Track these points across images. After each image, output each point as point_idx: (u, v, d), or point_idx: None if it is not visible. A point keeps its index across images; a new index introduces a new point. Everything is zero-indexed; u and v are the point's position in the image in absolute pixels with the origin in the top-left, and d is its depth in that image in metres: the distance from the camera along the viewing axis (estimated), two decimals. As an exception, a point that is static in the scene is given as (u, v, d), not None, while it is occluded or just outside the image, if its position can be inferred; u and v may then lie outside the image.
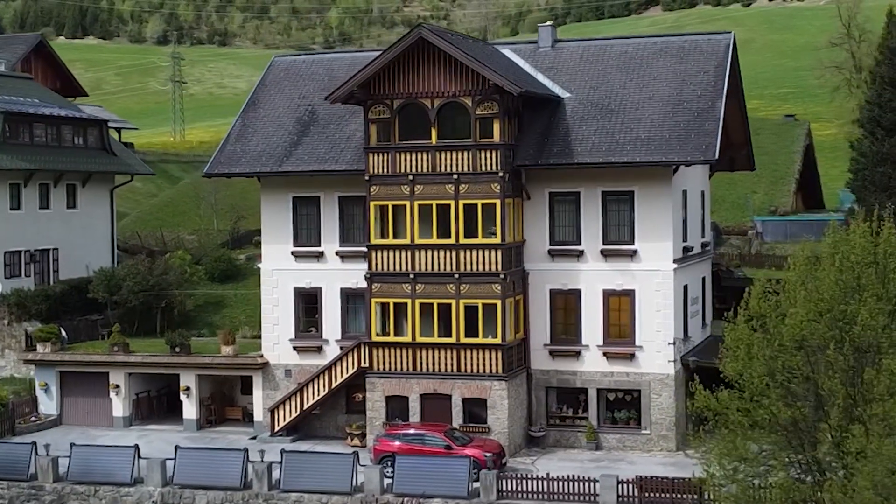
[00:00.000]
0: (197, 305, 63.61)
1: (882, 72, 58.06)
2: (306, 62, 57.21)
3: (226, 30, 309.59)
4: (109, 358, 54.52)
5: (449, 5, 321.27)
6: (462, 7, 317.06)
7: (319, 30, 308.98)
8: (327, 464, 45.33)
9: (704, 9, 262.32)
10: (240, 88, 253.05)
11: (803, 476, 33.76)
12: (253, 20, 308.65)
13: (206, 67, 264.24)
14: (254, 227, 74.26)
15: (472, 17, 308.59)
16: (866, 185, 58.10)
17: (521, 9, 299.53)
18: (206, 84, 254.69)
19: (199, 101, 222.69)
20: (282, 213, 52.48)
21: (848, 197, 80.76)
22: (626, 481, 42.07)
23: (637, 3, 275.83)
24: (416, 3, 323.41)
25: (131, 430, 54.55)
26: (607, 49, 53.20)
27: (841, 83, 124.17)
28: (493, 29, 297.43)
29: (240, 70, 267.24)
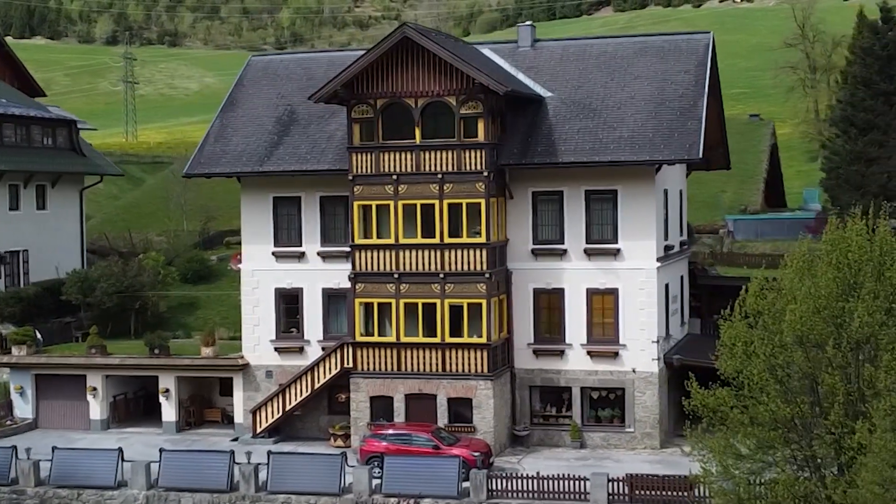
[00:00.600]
0: (170, 307, 63.23)
1: (855, 71, 58.72)
2: (284, 62, 56.98)
3: (176, 30, 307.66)
4: (87, 360, 53.96)
5: (400, 6, 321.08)
6: (413, 7, 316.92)
7: (271, 30, 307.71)
8: (315, 465, 45.10)
9: (656, 10, 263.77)
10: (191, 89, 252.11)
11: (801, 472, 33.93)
12: (203, 20, 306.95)
13: (157, 68, 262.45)
14: (224, 228, 74.07)
15: (424, 18, 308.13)
16: (840, 184, 58.67)
17: (472, 9, 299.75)
18: (157, 85, 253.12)
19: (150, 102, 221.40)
20: (262, 213, 52.20)
21: (812, 195, 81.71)
22: (616, 479, 42.16)
23: (588, 3, 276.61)
24: (368, 4, 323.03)
25: (109, 432, 54.03)
26: (587, 49, 53.36)
27: (795, 83, 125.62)
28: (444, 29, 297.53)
29: (191, 71, 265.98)
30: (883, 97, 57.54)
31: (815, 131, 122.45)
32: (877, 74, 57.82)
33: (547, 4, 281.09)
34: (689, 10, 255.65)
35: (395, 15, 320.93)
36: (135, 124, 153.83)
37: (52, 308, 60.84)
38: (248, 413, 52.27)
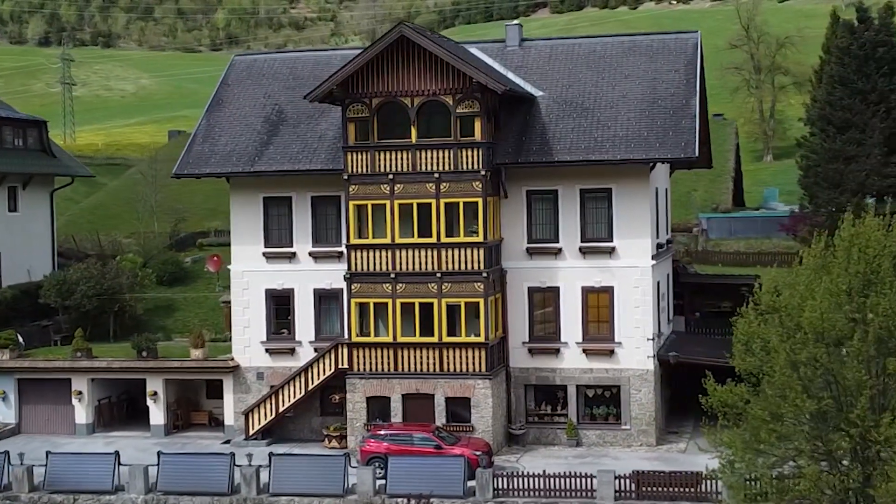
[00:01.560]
0: (146, 309, 62.50)
1: (832, 71, 59.29)
2: (267, 61, 56.57)
3: (110, 31, 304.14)
4: (73, 364, 53.23)
5: (336, 7, 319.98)
6: (349, 9, 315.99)
7: (206, 31, 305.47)
8: (318, 466, 44.84)
9: (592, 11, 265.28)
10: (127, 91, 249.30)
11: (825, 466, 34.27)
12: (137, 21, 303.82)
13: (92, 69, 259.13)
14: (195, 230, 73.41)
15: (360, 19, 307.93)
16: (818, 182, 59.34)
17: (409, 11, 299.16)
18: (92, 86, 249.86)
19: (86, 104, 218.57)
20: (252, 213, 51.81)
21: (772, 194, 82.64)
22: (623, 476, 42.31)
23: (525, 5, 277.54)
24: (303, 5, 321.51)
25: (95, 437, 53.39)
26: (575, 48, 53.54)
27: (740, 84, 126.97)
28: (381, 31, 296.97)
29: (126, 72, 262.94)
30: (860, 96, 58.26)
31: (759, 131, 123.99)
32: (854, 74, 58.51)
33: (484, 6, 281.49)
34: (626, 11, 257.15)
35: (330, 16, 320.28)
36: (73, 126, 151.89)
37: (29, 311, 59.90)
38: (238, 415, 51.94)
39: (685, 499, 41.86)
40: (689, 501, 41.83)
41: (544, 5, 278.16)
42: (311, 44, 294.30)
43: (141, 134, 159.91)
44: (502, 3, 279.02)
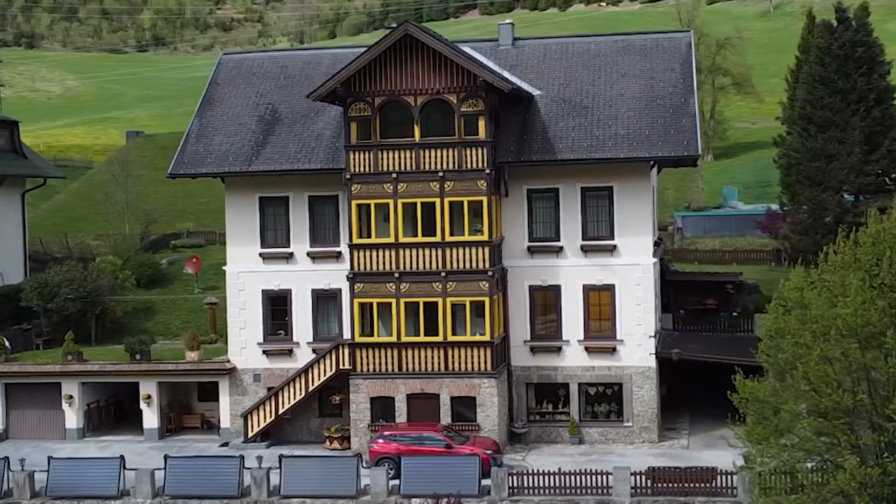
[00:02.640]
0: (125, 312, 61.59)
1: (812, 71, 60.01)
2: (257, 60, 56.08)
3: (33, 32, 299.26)
4: (64, 367, 52.32)
5: (263, 7, 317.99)
6: (277, 10, 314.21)
7: (132, 32, 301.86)
8: (329, 467, 44.53)
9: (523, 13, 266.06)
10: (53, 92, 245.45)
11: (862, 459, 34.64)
12: (62, 22, 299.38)
13: (16, 70, 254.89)
14: (167, 231, 72.58)
15: (288, 20, 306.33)
16: (800, 180, 60.04)
17: (337, 12, 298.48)
18: (17, 87, 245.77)
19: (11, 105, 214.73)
20: (248, 214, 51.33)
21: (731, 192, 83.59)
22: (638, 472, 42.50)
23: (456, 6, 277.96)
24: (229, 6, 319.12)
25: (87, 441, 52.57)
26: (569, 47, 53.69)
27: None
28: (309, 32, 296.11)
29: (52, 73, 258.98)
30: (840, 95, 59.02)
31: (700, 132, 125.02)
32: (834, 73, 59.28)
33: (414, 7, 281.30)
34: (556, 13, 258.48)
35: (257, 17, 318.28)
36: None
37: (9, 315, 58.77)
38: (234, 418, 51.49)
39: (699, 494, 42.10)
40: (703, 496, 42.01)
41: (474, 7, 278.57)
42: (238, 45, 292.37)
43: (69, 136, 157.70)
44: (432, 5, 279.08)
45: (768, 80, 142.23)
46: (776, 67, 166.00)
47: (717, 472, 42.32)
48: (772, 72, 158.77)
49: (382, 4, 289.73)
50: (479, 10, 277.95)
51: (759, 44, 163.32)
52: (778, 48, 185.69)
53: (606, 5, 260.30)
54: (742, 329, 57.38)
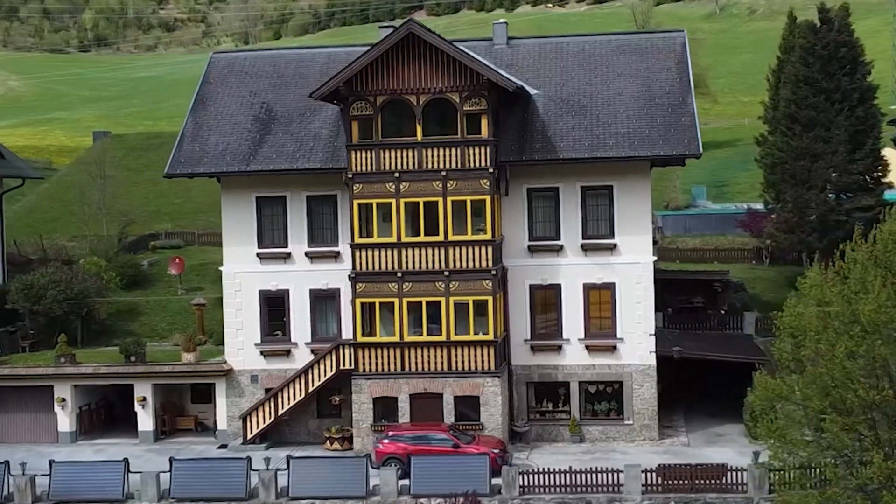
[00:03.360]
0: (109, 314, 60.90)
1: (796, 71, 60.52)
2: (248, 58, 55.66)
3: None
4: (57, 370, 51.62)
5: (206, 8, 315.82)
6: (220, 10, 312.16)
7: (74, 31, 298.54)
8: (338, 468, 44.30)
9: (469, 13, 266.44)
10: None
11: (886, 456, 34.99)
12: (1, 21, 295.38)
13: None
14: (146, 232, 71.89)
15: (231, 21, 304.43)
16: (785, 179, 60.55)
17: (282, 12, 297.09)
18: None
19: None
20: (245, 213, 50.93)
21: (700, 192, 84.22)
22: (649, 470, 42.66)
23: (402, 7, 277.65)
24: (172, 6, 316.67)
25: (80, 445, 51.87)
26: (564, 46, 53.80)
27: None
28: (254, 33, 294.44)
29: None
30: (824, 94, 59.60)
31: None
32: (818, 73, 59.85)
33: (360, 8, 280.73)
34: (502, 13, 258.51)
35: (201, 17, 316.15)
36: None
37: (-7, 318, 58.03)
38: (231, 419, 51.15)
39: (710, 490, 42.32)
40: (714, 493, 42.24)
41: (420, 8, 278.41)
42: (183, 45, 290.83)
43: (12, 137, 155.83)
44: (378, 5, 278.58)
45: (717, 80, 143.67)
46: (724, 68, 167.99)
47: (728, 469, 42.54)
48: (720, 72, 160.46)
49: (328, 5, 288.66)
50: (425, 11, 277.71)
51: (708, 45, 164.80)
52: (725, 49, 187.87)
53: (553, 6, 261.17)
54: (730, 327, 57.86)
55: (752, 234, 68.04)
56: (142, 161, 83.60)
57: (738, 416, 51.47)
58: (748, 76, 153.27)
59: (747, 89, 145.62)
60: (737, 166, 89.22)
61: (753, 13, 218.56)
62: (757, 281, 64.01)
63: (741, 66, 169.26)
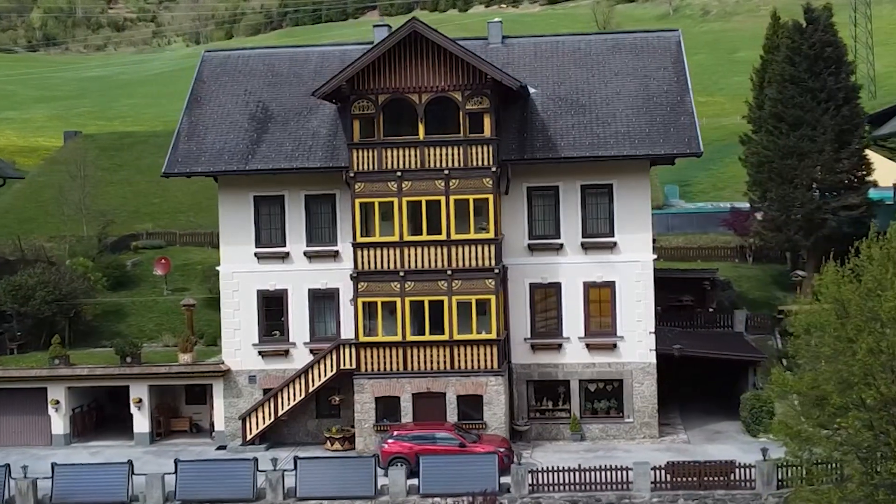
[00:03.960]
0: (95, 315, 60.22)
1: (782, 70, 60.96)
2: (242, 57, 55.23)
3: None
4: (51, 372, 51.01)
5: (156, 7, 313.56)
6: (170, 10, 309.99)
7: (21, 31, 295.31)
8: (346, 468, 44.04)
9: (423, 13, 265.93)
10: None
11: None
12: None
13: None
14: (126, 233, 71.22)
15: (182, 20, 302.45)
16: (772, 177, 60.95)
17: (234, 12, 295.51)
18: None
19: None
20: (242, 213, 50.59)
21: (673, 191, 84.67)
22: (658, 467, 42.79)
23: (355, 7, 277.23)
24: (122, 5, 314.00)
25: (75, 447, 51.29)
26: (559, 46, 53.86)
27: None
28: (205, 33, 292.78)
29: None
30: (810, 94, 60.07)
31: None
32: (805, 72, 60.31)
33: (312, 8, 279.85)
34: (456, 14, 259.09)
35: (150, 17, 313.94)
36: None
37: (-24, 320, 57.24)
38: (228, 420, 50.80)
39: (718, 487, 42.53)
40: (722, 490, 42.44)
41: (373, 8, 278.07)
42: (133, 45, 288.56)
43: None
44: (331, 6, 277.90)
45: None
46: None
47: (736, 465, 42.75)
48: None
49: (280, 5, 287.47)
50: (378, 12, 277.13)
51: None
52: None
53: (507, 7, 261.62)
54: (720, 324, 58.19)
55: (735, 233, 68.45)
56: (115, 161, 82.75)
57: (733, 414, 51.82)
58: (703, 76, 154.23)
59: (702, 90, 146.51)
60: (697, 166, 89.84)
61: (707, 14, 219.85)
62: (742, 279, 64.43)
63: (695, 66, 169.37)
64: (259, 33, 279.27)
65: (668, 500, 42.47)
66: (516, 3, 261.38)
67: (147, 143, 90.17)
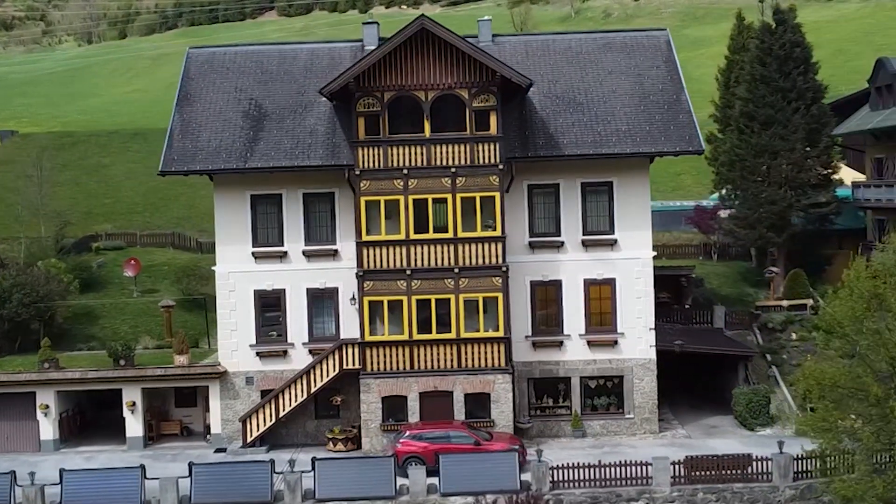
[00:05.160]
0: (65, 317, 58.78)
1: (753, 70, 61.87)
2: (228, 54, 54.30)
3: None
4: (42, 376, 49.65)
5: (45, 6, 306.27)
6: (59, 8, 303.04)
7: None
8: (365, 468, 43.51)
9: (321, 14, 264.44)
10: None
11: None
12: None
13: None
14: (86, 233, 69.74)
15: (73, 19, 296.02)
16: (745, 175, 61.81)
17: (127, 11, 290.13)
18: None
19: None
20: (239, 212, 49.79)
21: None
22: (677, 462, 43.13)
23: (253, 7, 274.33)
24: (9, 3, 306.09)
25: (66, 453, 49.98)
26: (550, 44, 53.99)
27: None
28: (97, 32, 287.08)
29: None
30: (781, 93, 61.10)
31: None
32: (775, 72, 61.32)
33: (209, 9, 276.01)
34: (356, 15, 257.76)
35: (39, 15, 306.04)
36: None
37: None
38: (225, 423, 50.06)
39: (736, 480, 43.00)
40: (740, 483, 42.92)
41: (271, 8, 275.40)
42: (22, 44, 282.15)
43: None
44: (228, 6, 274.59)
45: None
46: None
47: (753, 459, 43.27)
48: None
49: (175, 4, 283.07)
50: (276, 12, 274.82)
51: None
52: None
53: (407, 8, 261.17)
54: (698, 320, 58.78)
55: (700, 231, 69.28)
56: (58, 161, 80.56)
57: (722, 408, 52.55)
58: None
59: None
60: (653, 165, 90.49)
61: (608, 17, 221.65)
62: (710, 276, 65.21)
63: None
64: (154, 33, 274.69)
65: (687, 494, 42.80)
66: (417, 4, 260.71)
67: (89, 143, 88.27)
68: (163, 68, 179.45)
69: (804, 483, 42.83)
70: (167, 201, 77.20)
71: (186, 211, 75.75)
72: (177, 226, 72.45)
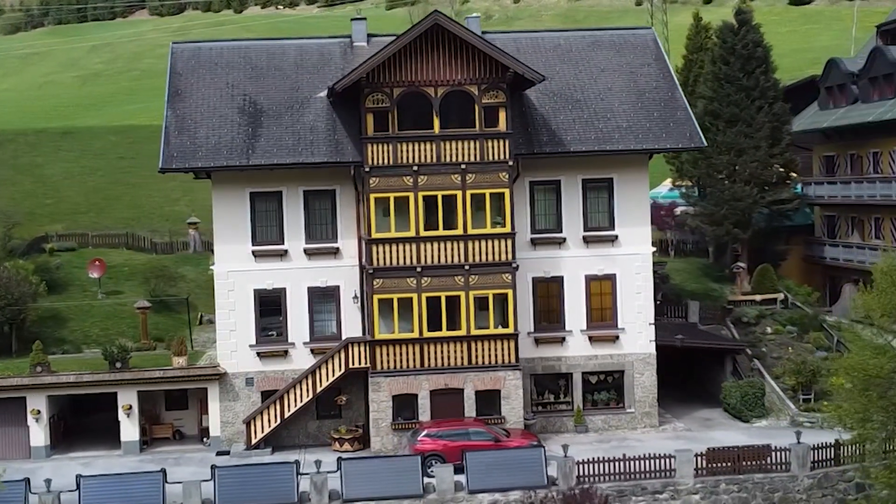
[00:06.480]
0: (33, 321, 56.89)
1: (717, 70, 63.03)
2: (214, 49, 53.20)
3: None
4: (34, 380, 48.01)
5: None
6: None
7: None
8: (392, 467, 43.13)
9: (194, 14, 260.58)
10: None
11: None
12: None
13: None
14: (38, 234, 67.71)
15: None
16: (710, 173, 62.90)
17: None
18: None
19: None
20: (238, 210, 48.84)
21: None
22: (700, 454, 43.64)
23: (123, 6, 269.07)
24: None
25: (58, 459, 48.29)
26: (539, 42, 54.16)
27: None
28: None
29: None
30: (744, 92, 62.36)
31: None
32: (739, 71, 62.55)
33: (76, 7, 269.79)
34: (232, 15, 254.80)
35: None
36: None
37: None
38: (225, 425, 49.11)
39: (756, 471, 43.68)
40: (760, 473, 43.61)
41: (142, 7, 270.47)
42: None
43: None
44: (97, 4, 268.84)
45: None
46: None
47: (772, 449, 44.00)
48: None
49: (41, 2, 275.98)
50: (147, 11, 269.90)
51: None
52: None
53: (283, 9, 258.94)
54: (671, 315, 59.48)
55: (658, 228, 70.07)
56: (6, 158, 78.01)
57: (710, 401, 53.34)
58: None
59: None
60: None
61: (489, 19, 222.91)
62: (672, 272, 66.01)
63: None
64: (20, 31, 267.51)
65: (710, 486, 43.32)
66: (293, 4, 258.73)
67: (17, 142, 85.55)
68: (32, 67, 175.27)
69: (821, 472, 43.70)
70: (110, 201, 75.26)
71: (133, 211, 73.99)
72: (126, 226, 70.68)
